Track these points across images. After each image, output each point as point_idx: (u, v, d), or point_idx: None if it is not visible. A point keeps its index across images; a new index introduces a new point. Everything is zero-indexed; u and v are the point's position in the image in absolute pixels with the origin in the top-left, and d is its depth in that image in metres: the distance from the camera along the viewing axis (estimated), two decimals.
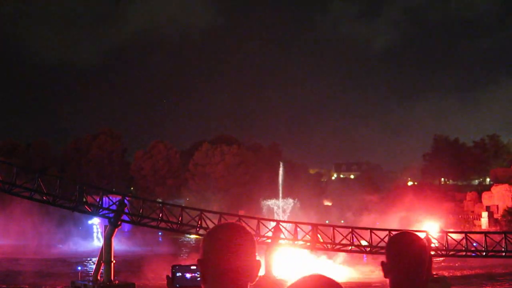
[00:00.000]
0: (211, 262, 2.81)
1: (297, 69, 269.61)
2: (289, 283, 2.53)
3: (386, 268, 3.61)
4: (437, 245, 40.46)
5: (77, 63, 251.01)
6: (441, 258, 45.55)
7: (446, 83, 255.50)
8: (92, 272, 36.92)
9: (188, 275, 3.00)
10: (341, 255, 49.01)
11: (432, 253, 38.74)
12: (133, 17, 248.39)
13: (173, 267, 3.10)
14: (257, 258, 2.89)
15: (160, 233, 71.82)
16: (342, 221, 75.24)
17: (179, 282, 3.06)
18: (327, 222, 67.62)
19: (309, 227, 41.96)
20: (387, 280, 3.61)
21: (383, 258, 3.62)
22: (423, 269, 3.56)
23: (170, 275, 3.07)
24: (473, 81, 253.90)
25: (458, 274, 46.19)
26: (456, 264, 50.30)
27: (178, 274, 3.07)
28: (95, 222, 75.21)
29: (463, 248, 41.32)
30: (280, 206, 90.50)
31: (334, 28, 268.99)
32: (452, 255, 41.46)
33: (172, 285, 3.08)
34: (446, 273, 42.13)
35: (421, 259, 3.57)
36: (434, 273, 39.95)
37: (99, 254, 36.93)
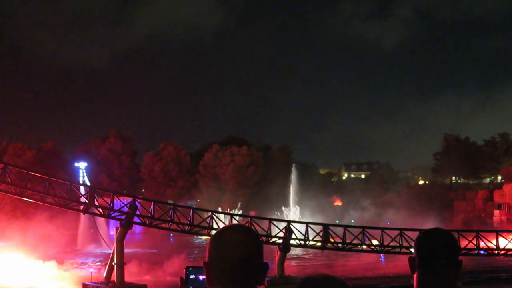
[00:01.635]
0: (217, 265, 2.79)
1: (307, 70, 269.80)
2: (296, 283, 2.51)
3: (414, 264, 3.53)
4: None
5: (86, 66, 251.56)
6: None
7: (457, 82, 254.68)
8: (104, 274, 36.97)
9: (201, 277, 3.00)
10: None
11: None
12: (143, 20, 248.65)
13: (187, 268, 3.10)
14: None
15: (171, 235, 71.90)
16: (352, 221, 75.12)
17: (192, 284, 3.06)
18: (337, 222, 67.58)
19: (320, 227, 41.95)
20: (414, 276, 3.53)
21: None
22: (451, 266, 3.50)
23: (183, 277, 3.07)
24: (485, 80, 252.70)
25: (470, 272, 45.95)
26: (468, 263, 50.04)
27: (192, 276, 3.07)
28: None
29: (475, 247, 41.20)
30: (291, 207, 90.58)
31: (344, 28, 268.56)
32: (464, 254, 41.31)
33: (186, 287, 3.08)
34: None
35: (450, 257, 3.49)
36: None
37: (110, 256, 37.02)
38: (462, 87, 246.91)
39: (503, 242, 42.38)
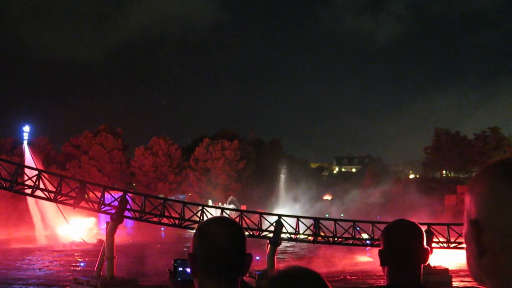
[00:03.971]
0: (201, 257, 2.83)
1: (299, 64, 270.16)
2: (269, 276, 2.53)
3: (384, 257, 3.58)
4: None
5: (79, 60, 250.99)
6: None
7: (452, 77, 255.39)
8: (95, 268, 36.99)
9: (188, 269, 3.04)
10: None
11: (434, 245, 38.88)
12: (136, 14, 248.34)
13: (175, 261, 3.14)
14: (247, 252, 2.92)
15: (162, 229, 71.90)
16: (342, 215, 75.31)
17: (180, 276, 3.10)
18: (326, 216, 67.70)
19: (311, 221, 42.07)
20: (385, 269, 3.58)
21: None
22: (421, 257, 3.56)
23: (172, 269, 3.11)
24: (475, 75, 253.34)
25: (460, 266, 46.22)
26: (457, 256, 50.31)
27: (180, 268, 3.11)
28: None
29: None
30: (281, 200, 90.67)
31: (337, 22, 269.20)
32: (454, 247, 41.56)
33: (174, 279, 3.11)
34: (447, 265, 42.17)
35: (419, 247, 3.55)
36: (437, 265, 40.09)
37: (101, 250, 37.03)
38: (456, 82, 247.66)
39: None
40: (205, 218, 39.58)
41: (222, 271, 2.82)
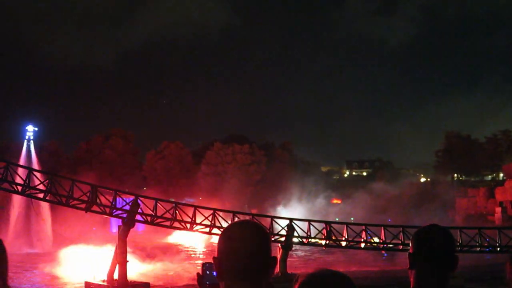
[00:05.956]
0: (226, 260, 2.87)
1: (311, 67, 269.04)
2: (300, 279, 2.56)
3: (413, 260, 3.62)
4: None
5: (90, 65, 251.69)
6: None
7: (461, 80, 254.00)
8: (107, 273, 37.02)
9: (215, 273, 3.08)
10: None
11: None
12: (148, 18, 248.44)
13: (204, 265, 3.20)
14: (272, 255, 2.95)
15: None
16: (352, 219, 75.04)
17: (209, 280, 3.15)
18: (336, 219, 67.50)
19: (322, 225, 42.04)
20: (412, 272, 3.61)
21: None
22: (450, 263, 3.57)
23: (200, 273, 3.15)
24: (488, 79, 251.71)
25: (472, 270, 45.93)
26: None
27: (208, 272, 3.16)
28: None
29: (477, 244, 41.23)
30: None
31: (349, 25, 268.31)
32: (466, 251, 41.33)
33: (202, 282, 3.16)
34: (458, 269, 41.85)
35: (450, 253, 3.59)
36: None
37: (113, 254, 37.08)
38: (469, 86, 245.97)
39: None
40: (217, 222, 39.73)
41: (247, 275, 2.85)
